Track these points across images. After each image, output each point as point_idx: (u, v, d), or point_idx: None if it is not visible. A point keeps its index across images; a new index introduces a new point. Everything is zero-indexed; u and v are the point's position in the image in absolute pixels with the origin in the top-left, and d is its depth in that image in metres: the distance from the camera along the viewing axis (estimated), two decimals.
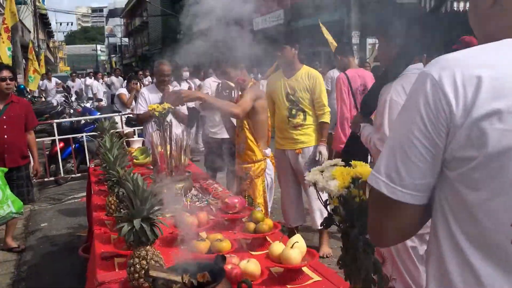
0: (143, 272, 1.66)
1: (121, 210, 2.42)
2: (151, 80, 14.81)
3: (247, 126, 3.31)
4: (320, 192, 1.43)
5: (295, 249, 1.87)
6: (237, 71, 3.37)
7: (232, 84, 3.42)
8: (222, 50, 5.39)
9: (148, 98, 5.22)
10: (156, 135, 3.16)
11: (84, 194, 6.75)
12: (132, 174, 2.25)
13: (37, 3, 28.87)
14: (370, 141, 2.29)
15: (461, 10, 13.44)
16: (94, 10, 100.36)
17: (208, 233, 2.29)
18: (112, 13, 71.07)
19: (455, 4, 12.79)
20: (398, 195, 0.96)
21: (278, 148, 4.32)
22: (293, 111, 4.13)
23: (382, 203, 1.00)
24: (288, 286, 1.84)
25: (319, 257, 2.00)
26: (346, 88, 4.71)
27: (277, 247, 1.92)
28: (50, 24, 31.46)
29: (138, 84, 8.33)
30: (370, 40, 14.66)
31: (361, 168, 1.39)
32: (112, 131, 4.40)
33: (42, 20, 31.14)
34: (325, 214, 3.95)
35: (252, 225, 2.27)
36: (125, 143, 3.76)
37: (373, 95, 2.38)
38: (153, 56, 37.03)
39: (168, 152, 3.10)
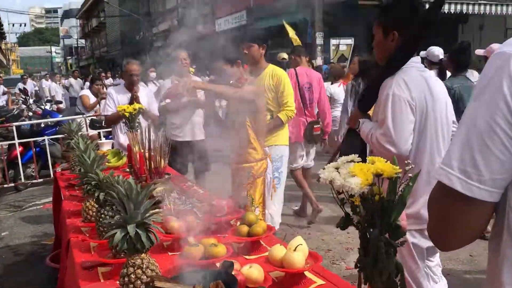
0: (139, 283, 1.51)
1: (102, 215, 2.25)
2: (113, 82, 14.42)
3: (249, 124, 3.18)
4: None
5: (299, 252, 1.77)
6: (234, 68, 3.21)
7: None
8: (188, 49, 5.26)
9: (117, 99, 5.02)
10: (134, 136, 2.98)
11: (47, 200, 6.46)
12: (119, 176, 2.10)
13: None
14: (372, 137, 2.22)
15: (452, 12, 13.80)
16: (48, 11, 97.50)
17: (198, 237, 2.15)
18: (67, 14, 69.21)
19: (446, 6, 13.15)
20: (474, 192, 0.87)
21: None
22: None
23: (453, 201, 0.91)
24: None
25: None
26: (294, 83, 4.92)
27: (278, 251, 1.81)
28: (2, 25, 30.18)
29: (102, 86, 8.05)
30: (333, 41, 14.79)
31: (380, 164, 1.30)
32: (80, 133, 4.19)
33: None
34: (277, 219, 3.83)
35: (245, 228, 2.15)
36: None
37: (371, 90, 2.31)
38: (113, 57, 36.28)
39: (147, 154, 2.93)
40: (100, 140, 6.37)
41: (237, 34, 4.49)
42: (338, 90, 6.85)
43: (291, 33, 8.79)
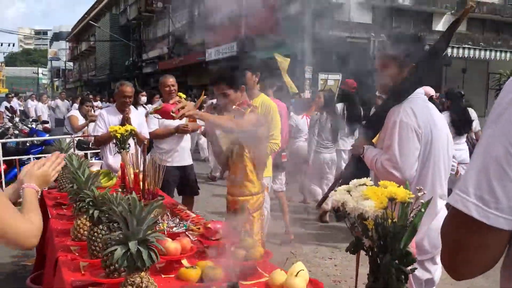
0: None
1: (95, 234, 2.19)
2: (101, 105, 14.35)
3: (247, 155, 2.98)
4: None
5: (300, 277, 1.73)
6: (237, 93, 3.06)
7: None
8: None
9: (108, 120, 5.00)
10: (130, 157, 2.94)
11: None
12: (117, 194, 2.05)
13: None
14: (377, 162, 2.23)
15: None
16: (37, 32, 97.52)
17: (193, 261, 2.10)
18: (57, 36, 69.31)
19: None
20: (491, 220, 0.85)
21: None
22: None
23: (468, 229, 0.89)
24: None
25: None
26: None
27: (279, 275, 1.77)
28: None
29: (91, 107, 7.99)
30: (322, 76, 15.02)
31: (393, 188, 1.29)
32: (70, 151, 4.12)
33: None
34: None
35: (242, 252, 2.10)
36: None
37: (376, 118, 2.33)
38: (101, 81, 36.25)
39: (141, 175, 2.89)
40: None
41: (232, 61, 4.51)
42: (301, 121, 7.07)
43: (281, 62, 8.93)
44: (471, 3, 2.32)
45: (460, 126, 5.90)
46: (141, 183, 2.87)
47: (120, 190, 3.22)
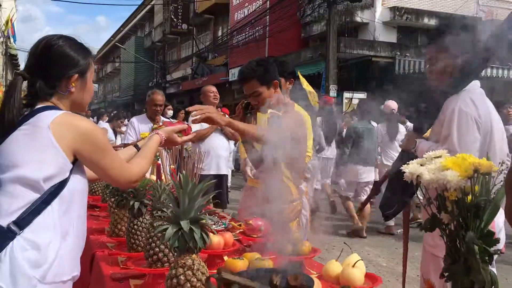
0: (188, 286, 1.35)
1: (135, 226, 2.11)
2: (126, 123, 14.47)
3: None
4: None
5: (357, 268, 1.61)
6: (270, 90, 2.79)
7: None
8: None
9: (138, 128, 4.97)
10: (164, 153, 2.87)
11: None
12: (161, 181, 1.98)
13: (8, 43, 28.35)
14: None
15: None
16: None
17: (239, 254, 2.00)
18: None
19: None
20: None
21: (250, 184, 3.63)
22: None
23: None
24: None
25: None
26: None
27: (334, 267, 1.64)
28: (19, 66, 30.83)
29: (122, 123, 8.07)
30: (347, 95, 14.90)
31: (475, 158, 1.18)
32: None
33: (11, 61, 30.47)
34: None
35: (289, 247, 1.98)
36: None
37: (430, 111, 2.21)
38: (126, 102, 36.77)
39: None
40: None
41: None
42: None
43: (307, 87, 8.92)
44: None
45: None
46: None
47: None
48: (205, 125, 4.97)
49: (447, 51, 2.16)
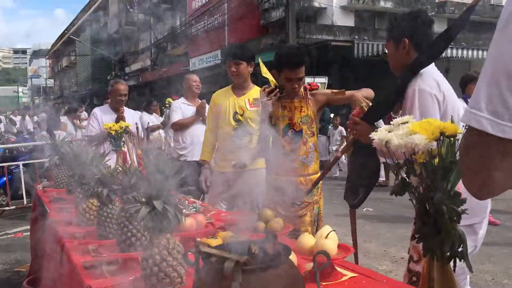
0: (164, 265, 1.35)
1: (104, 214, 2.08)
2: (86, 116, 14.16)
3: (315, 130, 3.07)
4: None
5: (330, 239, 1.64)
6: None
7: None
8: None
9: (101, 119, 4.86)
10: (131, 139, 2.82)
11: (18, 229, 6.12)
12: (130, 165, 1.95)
13: None
14: None
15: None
16: (16, 51, 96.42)
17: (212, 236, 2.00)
18: (37, 54, 68.56)
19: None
20: (507, 133, 0.79)
21: (217, 170, 3.74)
22: (239, 132, 3.65)
23: (485, 145, 0.82)
24: (323, 283, 1.59)
25: None
26: None
27: (307, 239, 1.67)
28: None
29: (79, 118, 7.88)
30: (308, 79, 15.00)
31: (440, 122, 1.22)
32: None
33: None
34: None
35: (261, 225, 2.01)
36: None
37: (384, 101, 2.26)
38: (83, 96, 35.87)
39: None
40: None
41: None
42: None
43: (266, 74, 8.93)
44: None
45: None
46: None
47: None
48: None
49: (397, 41, 2.25)
